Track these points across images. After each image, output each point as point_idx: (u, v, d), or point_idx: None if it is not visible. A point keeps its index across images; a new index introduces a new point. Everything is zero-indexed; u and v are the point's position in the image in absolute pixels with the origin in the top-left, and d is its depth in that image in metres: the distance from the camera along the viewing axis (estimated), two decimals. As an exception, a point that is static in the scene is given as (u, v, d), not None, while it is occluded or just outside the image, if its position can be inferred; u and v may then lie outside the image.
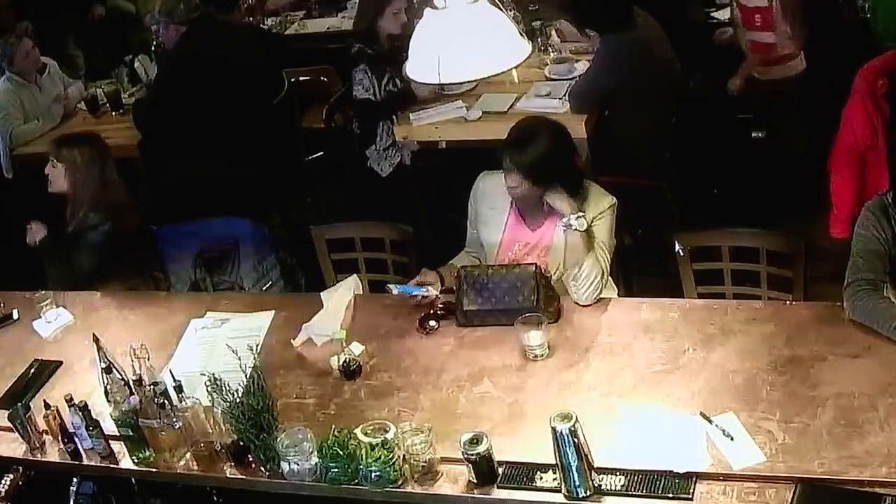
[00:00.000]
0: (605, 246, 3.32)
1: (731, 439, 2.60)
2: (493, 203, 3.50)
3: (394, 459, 2.68)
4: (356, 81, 5.00)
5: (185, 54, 5.23)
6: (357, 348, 3.22)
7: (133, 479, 3.16)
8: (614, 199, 3.38)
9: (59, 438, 3.06)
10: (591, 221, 3.30)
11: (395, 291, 3.39)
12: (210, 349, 3.39)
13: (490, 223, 3.52)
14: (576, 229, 3.24)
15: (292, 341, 3.35)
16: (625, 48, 4.61)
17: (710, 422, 2.66)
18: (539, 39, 5.35)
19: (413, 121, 4.97)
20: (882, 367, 2.75)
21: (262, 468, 2.86)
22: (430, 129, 4.95)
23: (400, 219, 4.01)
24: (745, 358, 2.90)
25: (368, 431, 2.71)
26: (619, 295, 3.59)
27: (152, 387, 2.92)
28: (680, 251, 3.51)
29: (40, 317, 3.76)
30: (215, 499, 3.16)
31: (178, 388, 2.95)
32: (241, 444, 2.87)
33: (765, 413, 2.68)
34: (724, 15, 5.57)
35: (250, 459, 2.89)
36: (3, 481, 3.08)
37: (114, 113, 5.95)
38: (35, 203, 4.39)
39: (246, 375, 2.80)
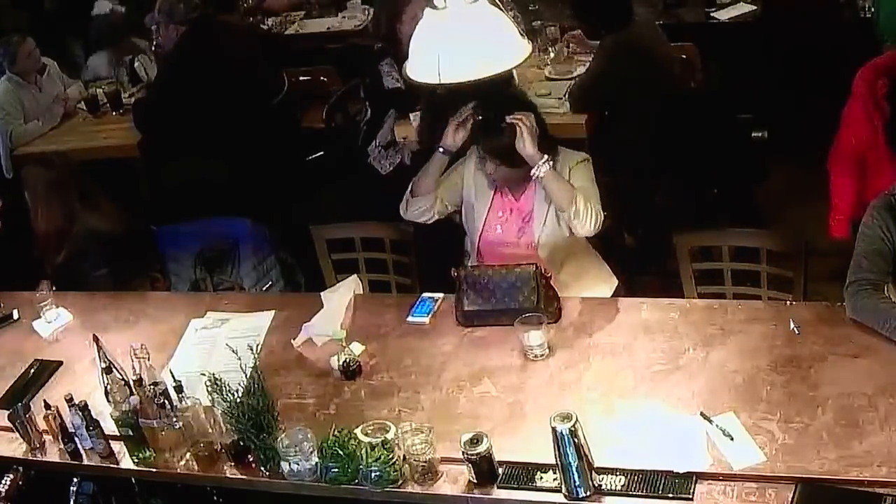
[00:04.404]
0: (589, 190, 3.41)
1: (731, 439, 2.60)
2: (486, 171, 3.55)
3: (394, 459, 2.68)
4: (385, 73, 4.94)
5: (184, 54, 5.23)
6: (357, 348, 3.22)
7: (133, 479, 3.15)
8: (585, 154, 3.52)
9: (59, 438, 3.06)
10: (569, 176, 3.41)
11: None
12: (210, 349, 3.39)
13: (480, 195, 3.57)
14: (544, 173, 3.30)
15: (292, 341, 3.35)
16: (622, 48, 4.62)
17: (710, 422, 2.66)
18: (539, 39, 5.34)
19: (413, 121, 4.97)
20: (882, 367, 2.75)
21: (262, 468, 2.86)
22: (430, 129, 4.94)
23: (400, 219, 4.00)
24: (745, 358, 2.90)
25: (368, 431, 2.71)
26: (619, 294, 3.58)
27: (152, 387, 2.92)
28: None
29: (40, 317, 3.76)
30: (215, 499, 3.16)
31: (178, 388, 2.94)
32: (241, 444, 2.87)
33: (765, 413, 2.68)
34: (724, 15, 5.56)
35: (250, 459, 2.89)
36: (3, 481, 3.08)
37: (114, 113, 5.96)
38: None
39: (246, 375, 2.80)
